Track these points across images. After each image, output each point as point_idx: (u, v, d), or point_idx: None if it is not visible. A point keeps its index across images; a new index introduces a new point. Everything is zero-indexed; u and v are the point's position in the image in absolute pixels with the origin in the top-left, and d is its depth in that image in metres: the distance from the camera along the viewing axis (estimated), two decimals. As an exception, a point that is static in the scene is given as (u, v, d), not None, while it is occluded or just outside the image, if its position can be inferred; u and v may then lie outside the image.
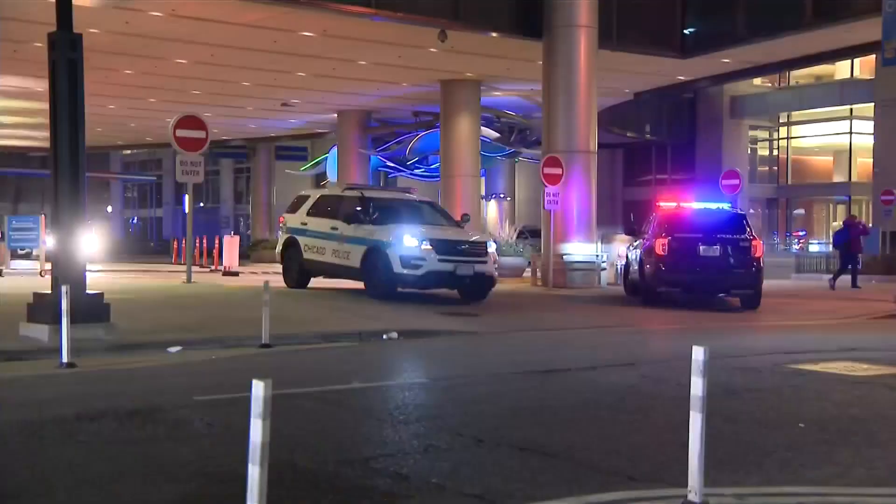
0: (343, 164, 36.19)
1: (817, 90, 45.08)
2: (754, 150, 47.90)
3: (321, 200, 19.18)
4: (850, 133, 44.00)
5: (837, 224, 46.88)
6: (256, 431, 3.91)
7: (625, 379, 9.37)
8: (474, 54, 26.36)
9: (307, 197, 19.74)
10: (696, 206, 20.24)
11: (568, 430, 7.01)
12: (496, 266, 18.00)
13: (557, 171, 22.29)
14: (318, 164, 42.31)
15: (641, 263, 19.19)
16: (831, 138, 45.98)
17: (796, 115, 46.84)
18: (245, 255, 37.39)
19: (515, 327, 14.77)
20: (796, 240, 47.09)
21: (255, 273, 28.44)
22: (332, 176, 38.24)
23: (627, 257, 21.44)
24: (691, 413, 4.89)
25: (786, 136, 47.98)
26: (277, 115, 38.30)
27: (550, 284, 22.80)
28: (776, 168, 48.12)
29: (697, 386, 4.88)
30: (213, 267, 29.92)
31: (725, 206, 20.75)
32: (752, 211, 42.77)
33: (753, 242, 18.44)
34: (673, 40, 26.53)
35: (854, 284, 24.95)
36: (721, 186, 27.01)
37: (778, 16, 24.90)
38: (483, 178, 36.81)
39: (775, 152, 48.32)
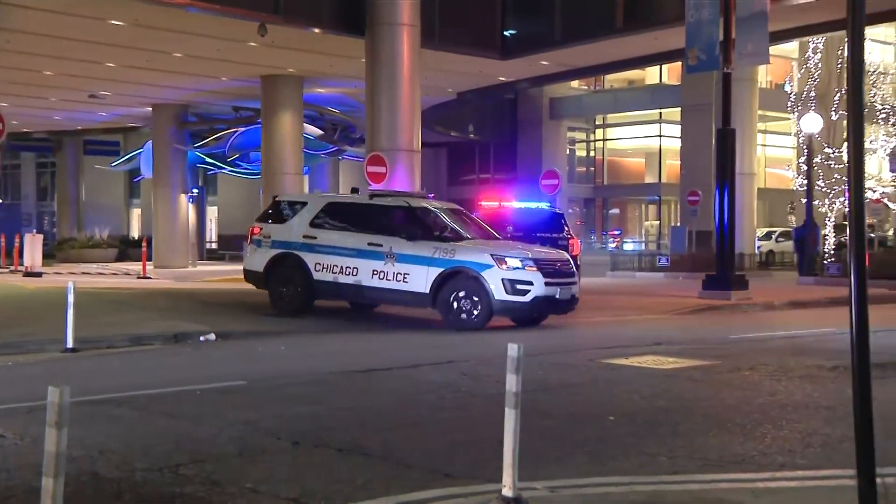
0: (159, 159, 34.88)
1: (630, 94, 47.23)
2: (573, 151, 49.64)
3: (333, 209, 15.95)
4: (660, 136, 46.32)
5: (649, 223, 49.43)
6: (51, 441, 3.74)
7: (445, 377, 9.44)
8: (296, 50, 25.96)
9: (301, 204, 16.37)
10: (517, 205, 20.69)
11: (387, 430, 6.98)
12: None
13: (381, 169, 22.25)
14: (131, 159, 40.65)
15: (463, 261, 19.38)
16: (643, 140, 48.29)
17: (611, 117, 48.92)
18: (50, 255, 35.49)
19: (337, 328, 14.64)
20: (611, 238, 49.08)
21: (61, 273, 27.07)
22: (146, 172, 36.81)
23: (450, 255, 21.62)
24: (506, 409, 4.94)
25: (602, 137, 49.99)
26: (86, 108, 36.36)
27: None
28: (593, 168, 50.06)
29: (512, 382, 4.94)
30: (12, 267, 28.21)
31: (544, 205, 21.32)
32: (570, 210, 44.26)
33: (571, 241, 19.02)
34: (493, 41, 27.03)
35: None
36: (541, 186, 27.78)
37: (592, 21, 25.83)
38: (307, 176, 36.40)
39: (592, 153, 50.26)
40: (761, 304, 19.65)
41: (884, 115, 33.42)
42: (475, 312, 14.08)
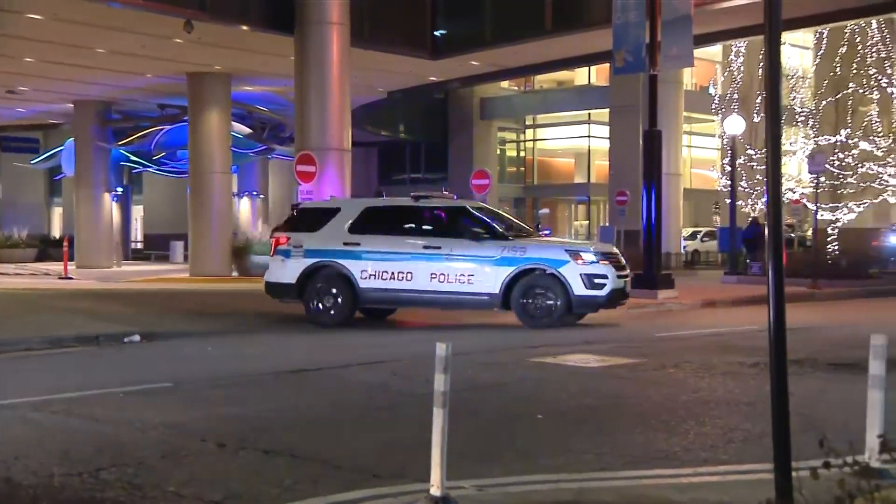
0: (81, 157, 34.04)
1: (559, 94, 47.64)
2: (503, 151, 49.89)
3: (373, 214, 15.21)
4: (589, 136, 46.81)
5: (579, 223, 49.98)
6: (-38, 448, 3.61)
7: (375, 377, 9.41)
8: (224, 47, 25.60)
9: (333, 210, 15.59)
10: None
11: (316, 431, 6.92)
12: None
13: (311, 168, 22.09)
14: (51, 157, 39.64)
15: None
16: (572, 141, 48.73)
17: (541, 118, 49.27)
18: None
19: (269, 327, 14.48)
20: (541, 238, 49.46)
21: (-21, 274, 26.33)
22: (67, 170, 35.94)
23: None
24: (434, 408, 4.93)
25: (532, 137, 50.36)
26: (3, 103, 35.34)
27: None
28: (523, 168, 50.39)
29: (440, 381, 4.93)
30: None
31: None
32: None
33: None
34: (424, 41, 27.05)
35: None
36: (471, 186, 27.86)
37: (521, 22, 26.03)
38: (235, 175, 35.95)
39: (522, 153, 50.59)
40: (687, 302, 19.99)
41: (802, 118, 34.30)
42: (553, 309, 14.18)
